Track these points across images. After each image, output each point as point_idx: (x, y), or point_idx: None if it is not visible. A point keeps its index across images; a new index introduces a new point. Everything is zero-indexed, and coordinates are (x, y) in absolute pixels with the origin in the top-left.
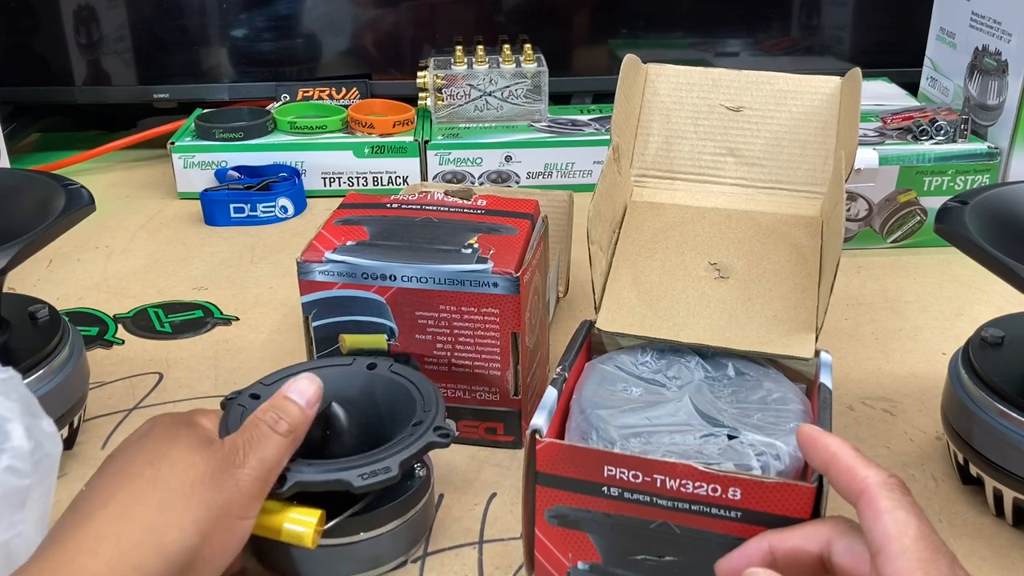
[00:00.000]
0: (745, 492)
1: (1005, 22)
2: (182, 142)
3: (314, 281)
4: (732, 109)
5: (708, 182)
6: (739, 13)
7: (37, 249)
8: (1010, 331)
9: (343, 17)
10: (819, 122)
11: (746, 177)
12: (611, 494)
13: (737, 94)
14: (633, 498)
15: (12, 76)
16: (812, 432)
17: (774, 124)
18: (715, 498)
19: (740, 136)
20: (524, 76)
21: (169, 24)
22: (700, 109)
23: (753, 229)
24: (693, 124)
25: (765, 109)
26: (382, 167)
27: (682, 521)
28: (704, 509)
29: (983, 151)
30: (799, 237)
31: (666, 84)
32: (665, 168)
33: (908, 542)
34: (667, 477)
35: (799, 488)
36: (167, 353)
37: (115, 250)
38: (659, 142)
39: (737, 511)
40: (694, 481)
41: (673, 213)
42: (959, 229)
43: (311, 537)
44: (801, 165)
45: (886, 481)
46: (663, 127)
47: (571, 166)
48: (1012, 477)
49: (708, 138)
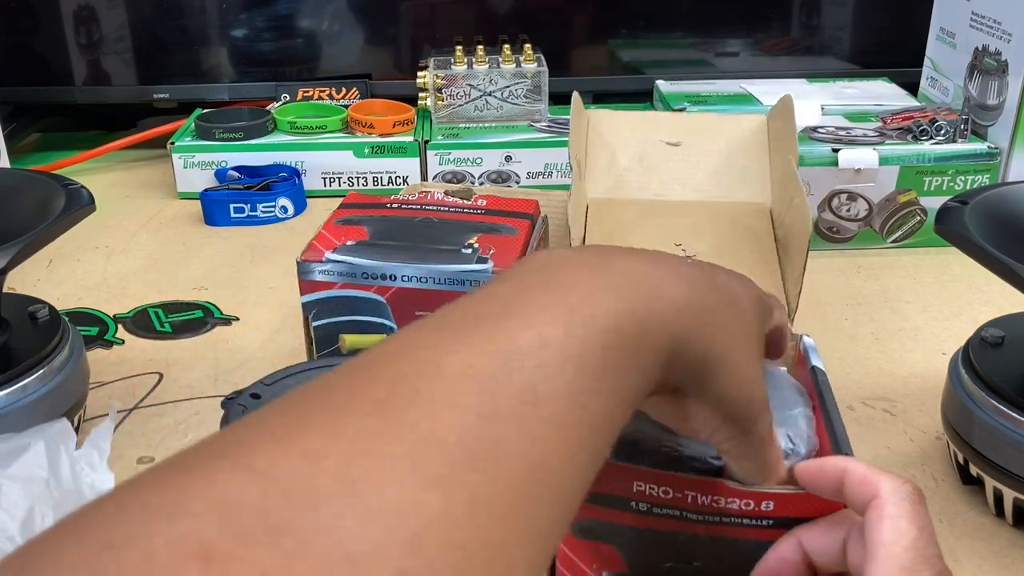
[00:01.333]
0: (778, 504)
1: (1005, 22)
2: (182, 142)
3: (314, 281)
4: (672, 144)
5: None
6: (739, 13)
7: (37, 249)
8: (1010, 331)
9: (343, 17)
10: (753, 150)
11: (694, 196)
12: (640, 509)
13: (675, 133)
14: (663, 513)
15: (12, 76)
16: (811, 462)
17: (712, 156)
18: (747, 511)
19: (683, 167)
20: (524, 76)
21: (169, 24)
22: (642, 146)
23: (709, 216)
24: (638, 160)
25: (702, 143)
26: (382, 167)
27: (713, 532)
28: (736, 520)
29: (983, 151)
30: (751, 221)
31: (608, 126)
32: (617, 195)
33: (898, 550)
34: (698, 494)
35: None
36: (167, 353)
37: (115, 250)
38: (609, 173)
39: (769, 519)
40: (726, 497)
41: (633, 208)
42: (959, 229)
43: None
44: (743, 188)
45: (898, 488)
46: (610, 162)
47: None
48: (1012, 477)
49: (653, 172)
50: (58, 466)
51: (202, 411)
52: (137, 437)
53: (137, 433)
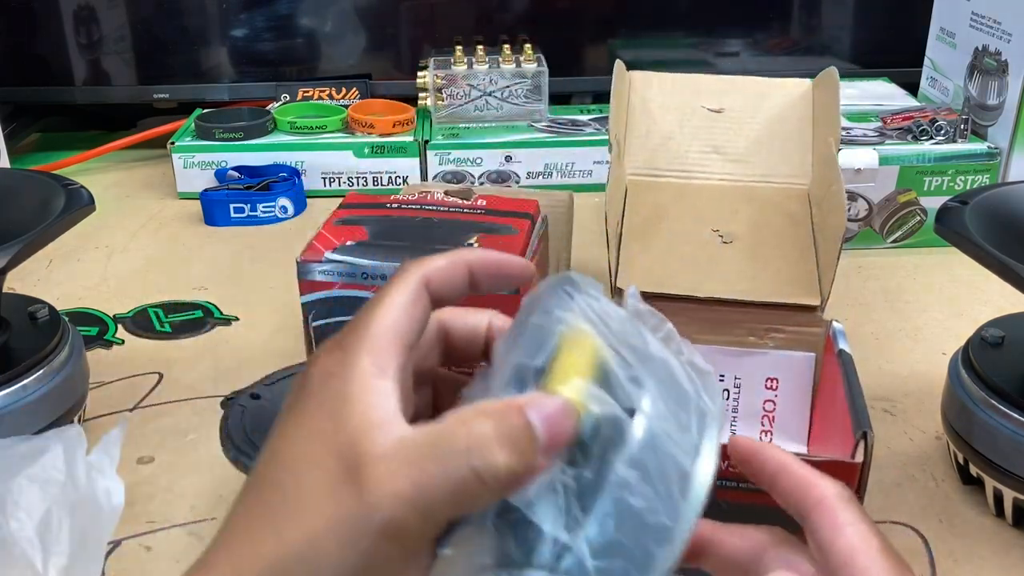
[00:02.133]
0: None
1: (1005, 22)
2: (182, 142)
3: (314, 281)
4: (714, 111)
5: (697, 179)
6: (739, 13)
7: (37, 249)
8: (1010, 331)
9: (343, 17)
10: (795, 120)
11: (732, 172)
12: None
13: (717, 97)
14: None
15: (12, 76)
16: (751, 443)
17: (754, 124)
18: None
19: (723, 136)
20: (524, 76)
21: (169, 24)
22: (684, 111)
23: (747, 200)
24: (679, 125)
25: (744, 110)
26: (382, 167)
27: (727, 496)
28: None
29: (983, 151)
30: (790, 206)
31: (651, 90)
32: (655, 166)
33: (875, 554)
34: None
35: (847, 465)
36: (167, 353)
37: (115, 250)
38: (648, 143)
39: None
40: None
41: (671, 189)
42: (959, 229)
43: None
44: (782, 160)
45: (842, 493)
46: (650, 129)
47: (571, 166)
48: (1012, 477)
49: (694, 138)
50: (75, 470)
51: (202, 411)
52: (137, 437)
53: (137, 433)
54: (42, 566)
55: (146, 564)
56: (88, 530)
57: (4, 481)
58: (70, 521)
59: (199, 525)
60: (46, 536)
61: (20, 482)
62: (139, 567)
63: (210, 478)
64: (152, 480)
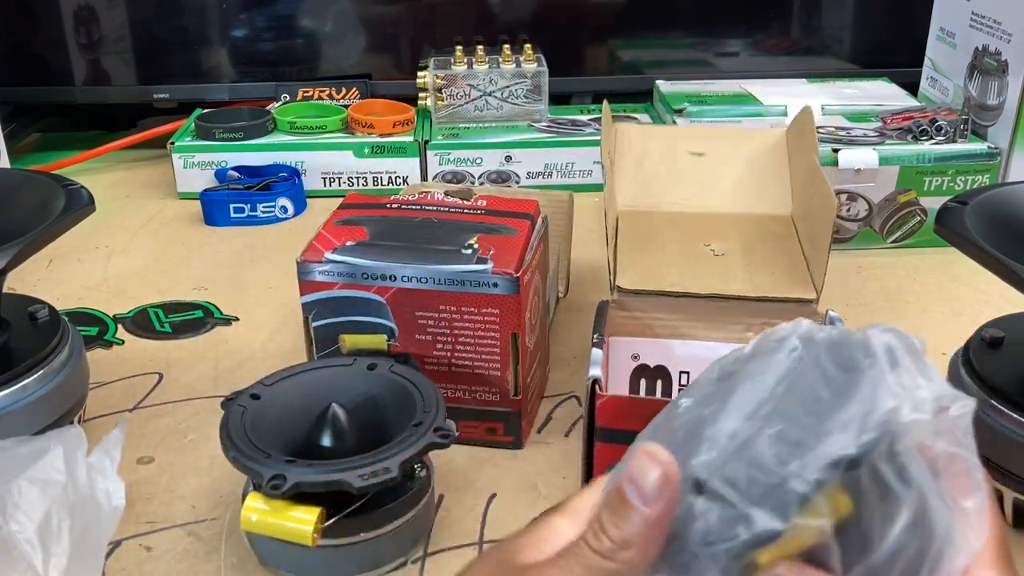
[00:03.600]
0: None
1: (1005, 22)
2: (182, 142)
3: (314, 281)
4: (696, 154)
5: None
6: (739, 13)
7: (37, 249)
8: (1010, 331)
9: (343, 17)
10: (774, 162)
11: (718, 204)
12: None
13: (698, 143)
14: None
15: (12, 76)
16: None
17: (735, 165)
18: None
19: (707, 175)
20: (524, 76)
21: (169, 24)
22: (668, 154)
23: (735, 224)
24: (664, 167)
25: (724, 154)
26: (382, 167)
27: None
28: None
29: (983, 151)
30: (776, 228)
31: (636, 137)
32: (644, 199)
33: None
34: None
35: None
36: (167, 353)
37: (115, 250)
38: (636, 180)
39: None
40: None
41: (662, 216)
42: (959, 229)
43: (311, 536)
44: (764, 195)
45: None
46: (637, 169)
47: (571, 166)
48: (1012, 477)
49: (679, 178)
50: (75, 471)
51: (202, 411)
52: (137, 437)
53: (137, 433)
54: (42, 567)
55: (146, 564)
56: (88, 531)
57: (5, 482)
58: (70, 522)
59: (199, 525)
60: (46, 537)
61: (20, 483)
62: (139, 567)
63: (210, 478)
64: (152, 480)
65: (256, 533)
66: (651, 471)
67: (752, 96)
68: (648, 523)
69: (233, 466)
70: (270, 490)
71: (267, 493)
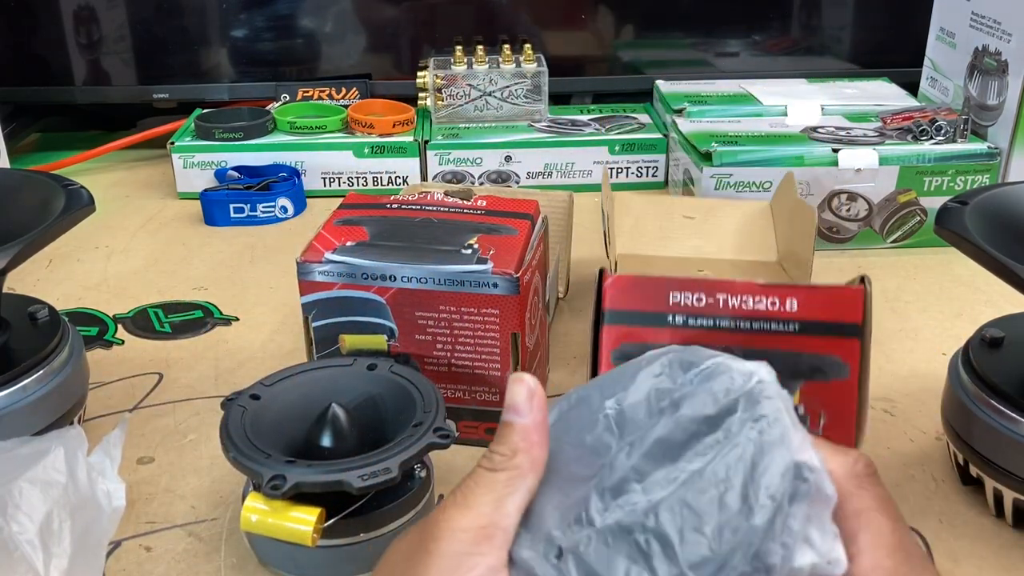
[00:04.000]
0: (801, 301)
1: (1005, 22)
2: (182, 142)
3: (314, 281)
4: (688, 217)
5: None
6: (739, 13)
7: (37, 249)
8: (1010, 331)
9: (343, 17)
10: (760, 222)
11: (712, 254)
12: (676, 322)
13: (689, 210)
14: (697, 324)
15: (12, 76)
16: None
17: (725, 228)
18: (774, 312)
19: (698, 236)
20: (524, 76)
21: (169, 24)
22: (661, 217)
23: (729, 266)
24: (658, 227)
25: (714, 219)
26: (382, 167)
27: (743, 343)
28: (764, 326)
29: (983, 151)
30: (766, 271)
31: (633, 201)
32: (640, 248)
33: None
34: (729, 295)
35: (850, 290)
36: (167, 353)
37: (115, 250)
38: (632, 234)
39: (795, 323)
40: (754, 296)
41: (658, 260)
42: (959, 229)
43: (311, 536)
44: (752, 247)
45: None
46: (632, 226)
47: (571, 166)
48: (1012, 477)
49: (672, 238)
50: (75, 472)
51: (202, 411)
52: (137, 437)
53: (137, 433)
54: (43, 568)
55: (146, 564)
56: (89, 532)
57: (5, 483)
58: (71, 523)
59: (199, 525)
60: (47, 538)
61: (21, 484)
62: (139, 567)
63: (210, 478)
64: (152, 480)
65: (256, 533)
66: (519, 390)
67: (752, 96)
68: (527, 430)
69: (233, 466)
70: (270, 490)
71: (267, 493)
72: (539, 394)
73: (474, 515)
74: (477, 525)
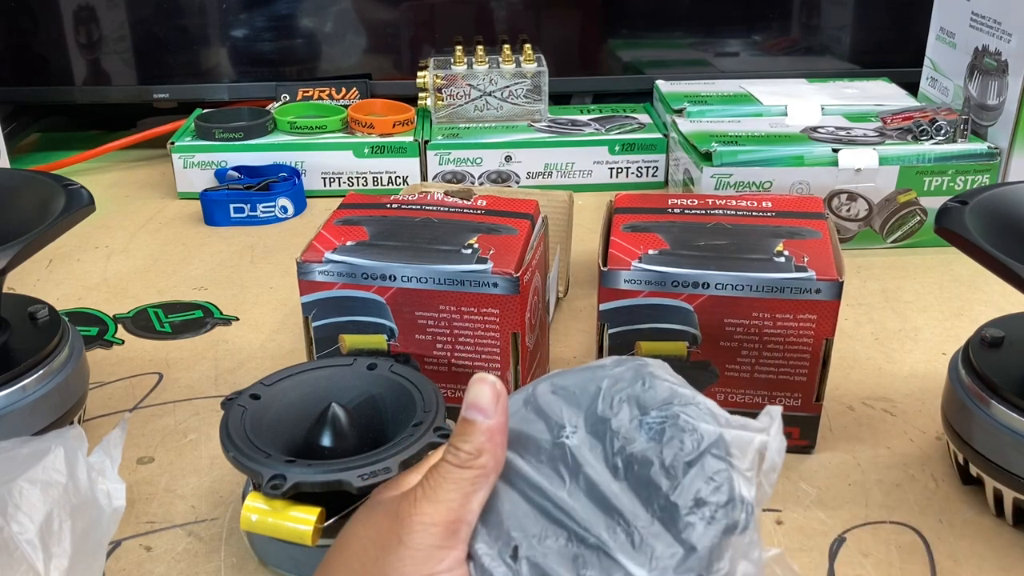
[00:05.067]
0: (774, 202)
1: (1005, 22)
2: (182, 142)
3: (314, 281)
4: None
5: None
6: (739, 13)
7: (37, 249)
8: (1010, 331)
9: (343, 17)
10: None
11: None
12: (675, 211)
13: None
14: (693, 211)
15: (12, 76)
16: None
17: None
18: (754, 207)
19: None
20: (524, 76)
21: (169, 24)
22: None
23: None
24: None
25: None
26: (382, 167)
27: (732, 221)
28: (746, 213)
29: (983, 151)
30: None
31: None
32: None
33: None
34: (715, 199)
35: (811, 198)
36: (167, 353)
37: (115, 250)
38: None
39: (771, 212)
40: (737, 199)
41: None
42: (959, 229)
43: (311, 536)
44: None
45: None
46: None
47: (571, 166)
48: (1012, 477)
49: None
50: (76, 472)
51: (202, 411)
52: (137, 437)
53: (137, 433)
54: (43, 568)
55: (146, 564)
56: (89, 532)
57: (5, 483)
58: (71, 523)
59: (199, 525)
60: (47, 538)
61: (21, 484)
62: (139, 567)
63: (210, 478)
64: (152, 480)
65: (256, 533)
66: (485, 391)
67: (752, 96)
68: (491, 431)
69: (233, 466)
70: (270, 490)
71: (267, 493)
72: (504, 396)
73: (444, 510)
74: (447, 520)
